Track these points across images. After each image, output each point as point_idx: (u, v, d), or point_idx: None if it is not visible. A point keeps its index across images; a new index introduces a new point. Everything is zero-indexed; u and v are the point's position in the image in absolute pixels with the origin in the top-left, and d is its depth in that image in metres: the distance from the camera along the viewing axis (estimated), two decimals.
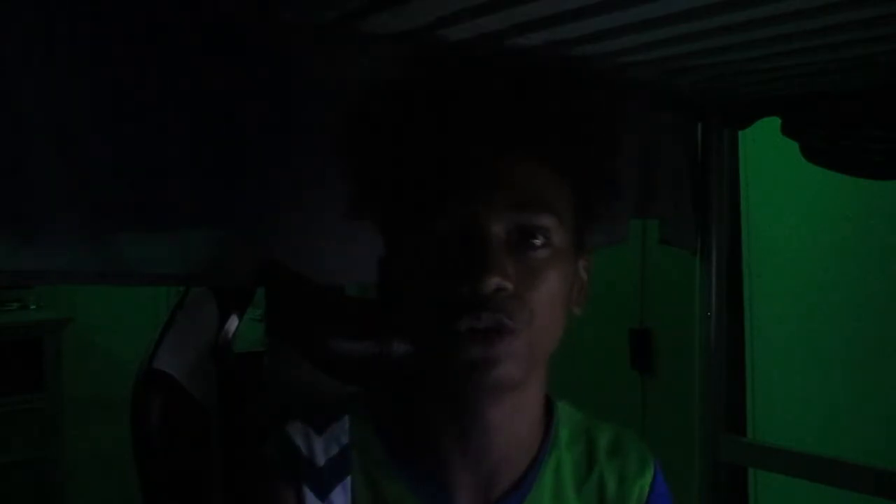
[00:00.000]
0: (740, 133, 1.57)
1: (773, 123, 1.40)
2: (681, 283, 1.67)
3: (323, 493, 0.69)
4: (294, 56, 0.91)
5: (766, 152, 1.72)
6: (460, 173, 0.65)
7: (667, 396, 2.07)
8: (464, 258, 0.62)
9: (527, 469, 0.72)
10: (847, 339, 1.70)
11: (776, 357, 1.81)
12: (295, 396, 0.88)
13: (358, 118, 0.70)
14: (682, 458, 1.62)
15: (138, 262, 0.83)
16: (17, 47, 0.72)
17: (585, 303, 0.73)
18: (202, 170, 0.85)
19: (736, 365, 1.76)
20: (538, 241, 0.64)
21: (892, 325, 1.61)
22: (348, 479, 0.70)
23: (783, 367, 1.79)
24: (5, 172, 0.72)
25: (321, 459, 0.69)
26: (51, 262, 0.78)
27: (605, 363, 2.14)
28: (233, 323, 0.94)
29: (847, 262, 1.70)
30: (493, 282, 0.61)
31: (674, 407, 1.99)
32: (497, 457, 0.70)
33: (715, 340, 1.51)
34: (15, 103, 0.72)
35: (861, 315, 1.67)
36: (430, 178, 0.65)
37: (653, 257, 2.08)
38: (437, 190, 0.65)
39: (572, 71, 0.72)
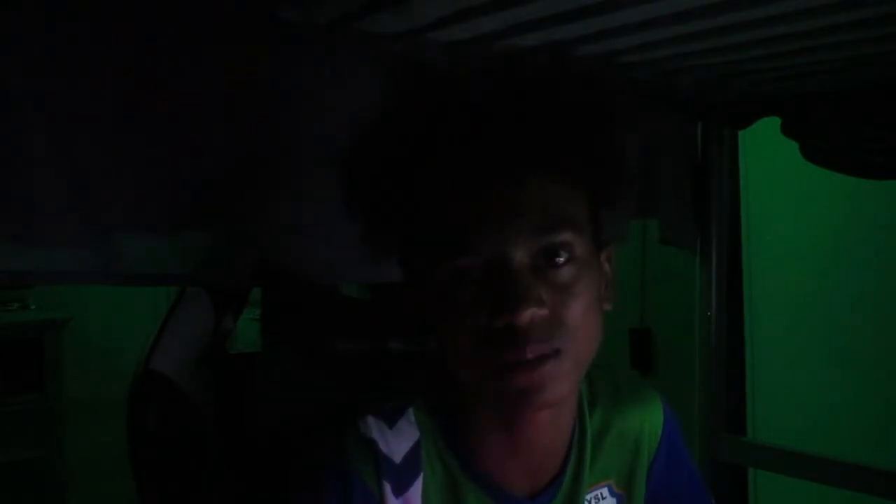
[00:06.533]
0: (740, 133, 1.57)
1: (773, 123, 1.40)
2: (681, 283, 1.67)
3: (400, 490, 0.67)
4: (295, 58, 0.91)
5: (766, 152, 1.72)
6: (475, 204, 0.62)
7: (667, 396, 2.06)
8: (494, 292, 0.61)
9: (565, 456, 0.75)
10: (847, 339, 1.70)
11: (776, 357, 1.81)
12: (360, 389, 0.84)
13: (362, 145, 0.68)
14: None
15: (138, 262, 0.83)
16: (18, 48, 0.72)
17: (614, 296, 0.72)
18: (202, 170, 0.85)
19: (736, 365, 1.76)
20: (563, 258, 0.63)
21: (892, 324, 1.61)
22: (421, 476, 0.68)
23: (783, 367, 1.79)
24: (6, 173, 0.72)
25: (398, 457, 0.67)
26: (51, 262, 0.78)
27: (605, 363, 2.13)
28: (228, 323, 0.94)
29: (847, 261, 1.70)
30: (529, 313, 0.60)
31: (674, 407, 1.98)
32: (541, 450, 0.72)
33: (715, 340, 1.51)
34: (15, 104, 0.72)
35: (861, 315, 1.67)
36: (444, 211, 0.63)
37: (653, 257, 2.08)
38: (454, 224, 0.62)
39: (565, 69, 0.68)
